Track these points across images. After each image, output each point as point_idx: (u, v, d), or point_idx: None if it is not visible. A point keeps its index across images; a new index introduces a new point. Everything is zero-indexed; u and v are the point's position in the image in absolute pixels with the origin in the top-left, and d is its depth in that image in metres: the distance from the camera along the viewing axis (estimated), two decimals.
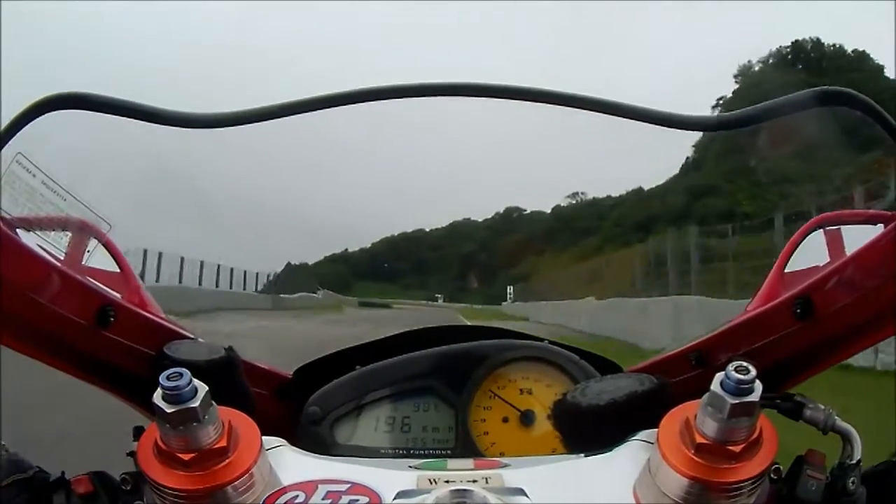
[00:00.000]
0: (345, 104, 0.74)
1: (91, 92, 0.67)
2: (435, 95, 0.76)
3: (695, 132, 0.70)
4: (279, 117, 0.73)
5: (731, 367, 0.49)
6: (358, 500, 0.55)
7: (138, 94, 0.67)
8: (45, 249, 0.72)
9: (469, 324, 1.04)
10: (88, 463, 0.65)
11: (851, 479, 0.60)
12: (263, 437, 0.57)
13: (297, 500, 0.55)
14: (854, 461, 0.63)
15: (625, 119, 0.71)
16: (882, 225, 0.82)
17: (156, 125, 0.70)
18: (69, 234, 0.80)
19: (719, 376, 0.49)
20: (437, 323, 1.08)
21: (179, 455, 0.51)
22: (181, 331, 0.79)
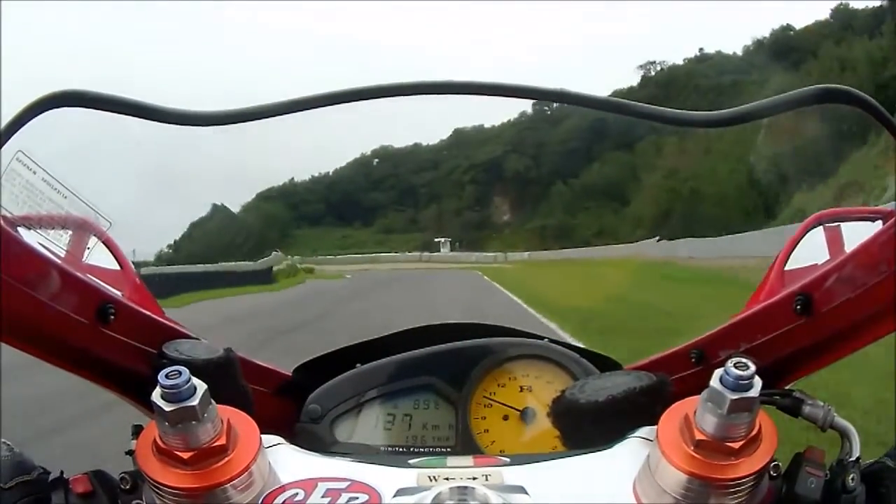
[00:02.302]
0: (333, 104, 0.74)
1: (89, 89, 0.66)
2: (439, 93, 0.76)
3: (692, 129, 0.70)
4: (274, 116, 0.73)
5: (730, 363, 0.49)
6: (357, 498, 0.55)
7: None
8: (45, 247, 0.73)
9: (469, 322, 1.04)
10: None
11: (851, 476, 0.60)
12: (262, 436, 0.57)
13: (296, 499, 0.55)
14: (853, 458, 0.63)
15: (623, 116, 0.71)
16: (881, 221, 0.83)
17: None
18: (69, 231, 0.81)
19: (718, 372, 0.50)
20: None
21: (178, 453, 0.51)
22: (181, 329, 0.79)
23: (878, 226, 0.80)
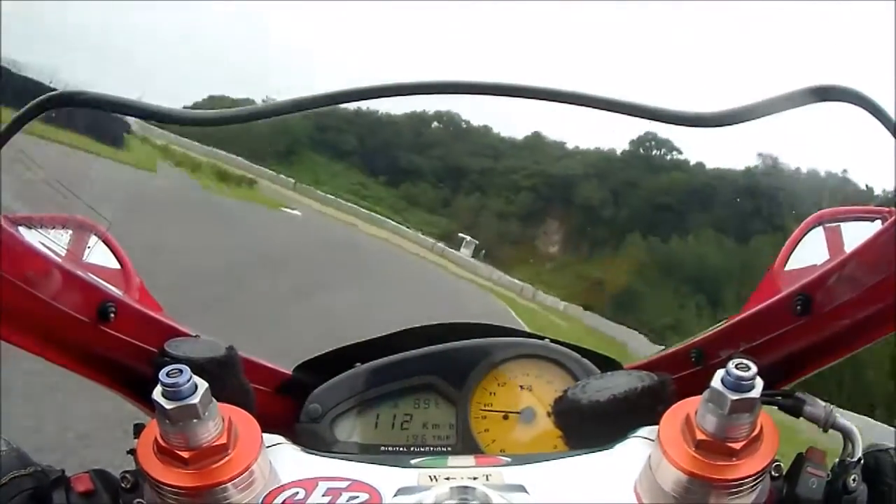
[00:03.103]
0: (333, 103, 0.74)
1: (88, 90, 0.67)
2: (450, 93, 0.76)
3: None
4: (274, 116, 0.73)
5: (731, 363, 0.49)
6: (358, 498, 0.55)
7: None
8: (46, 246, 0.73)
9: (469, 321, 1.04)
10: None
11: (852, 476, 0.60)
12: (263, 435, 0.57)
13: (296, 498, 0.55)
14: (855, 459, 0.63)
15: (621, 115, 0.71)
16: (881, 221, 0.83)
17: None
18: (70, 231, 0.81)
19: (720, 373, 0.50)
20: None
21: (179, 452, 0.51)
22: (182, 328, 0.79)
23: (877, 226, 0.80)
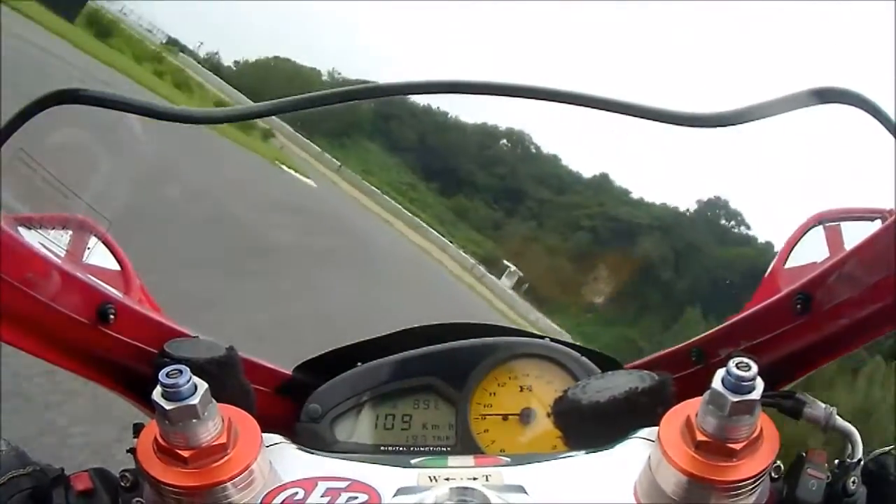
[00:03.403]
0: (334, 103, 0.74)
1: (89, 88, 0.67)
2: (449, 93, 0.76)
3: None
4: (274, 115, 0.73)
5: (732, 363, 0.49)
6: (357, 498, 0.55)
7: None
8: (45, 247, 0.73)
9: (469, 321, 1.04)
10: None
11: (852, 478, 0.60)
12: (263, 434, 0.57)
13: (296, 498, 0.55)
14: (855, 460, 0.63)
15: (620, 115, 0.71)
16: (881, 220, 0.83)
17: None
18: (70, 231, 0.81)
19: (720, 373, 0.49)
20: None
21: (179, 452, 0.51)
22: (182, 329, 0.79)
23: (877, 225, 0.81)
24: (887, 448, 0.63)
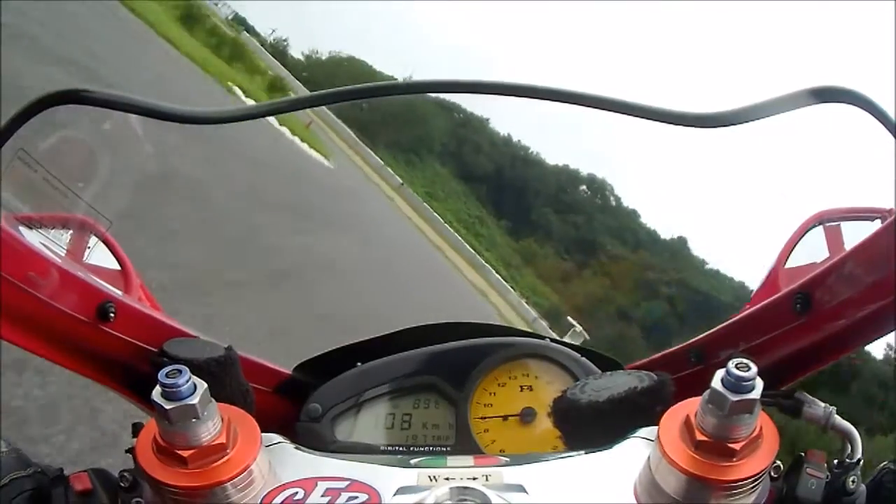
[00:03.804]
0: (333, 102, 0.74)
1: (89, 88, 0.67)
2: (448, 92, 0.76)
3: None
4: (274, 115, 0.73)
5: (731, 363, 0.49)
6: (357, 498, 0.55)
7: None
8: (45, 246, 0.73)
9: (469, 321, 1.04)
10: None
11: (851, 477, 0.60)
12: (263, 434, 0.57)
13: (296, 498, 0.55)
14: (854, 460, 0.63)
15: (620, 114, 0.71)
16: (881, 220, 0.83)
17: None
18: (70, 231, 0.81)
19: (720, 373, 0.49)
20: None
21: (178, 452, 0.51)
22: (181, 328, 0.79)
23: (877, 225, 0.80)
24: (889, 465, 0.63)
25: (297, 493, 0.55)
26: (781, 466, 0.60)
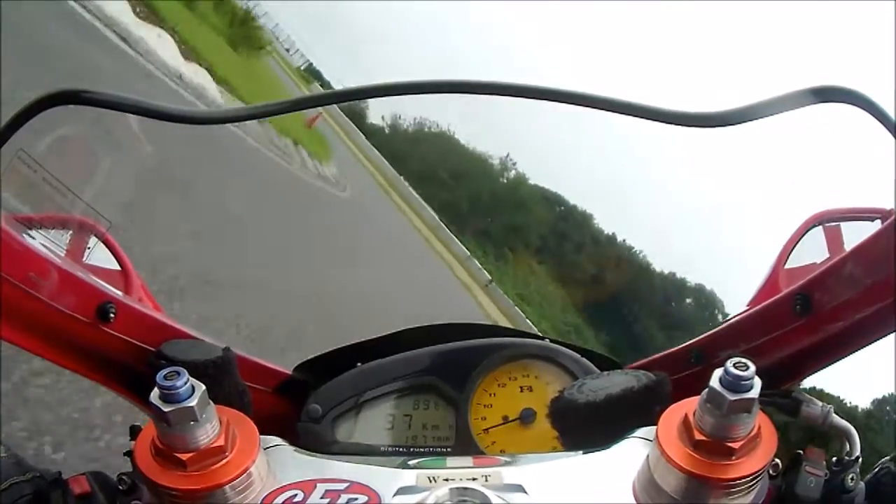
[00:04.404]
0: (334, 102, 0.74)
1: (89, 88, 0.67)
2: (448, 92, 0.76)
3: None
4: (274, 115, 0.73)
5: (729, 363, 0.49)
6: (357, 499, 0.55)
7: None
8: (45, 246, 0.73)
9: (469, 322, 1.04)
10: None
11: (850, 475, 0.60)
12: (261, 436, 0.57)
13: (295, 499, 0.55)
14: (853, 458, 0.63)
15: (620, 114, 0.71)
16: (880, 221, 0.82)
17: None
18: (70, 231, 0.81)
19: (718, 372, 0.49)
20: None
21: (177, 455, 0.51)
22: (181, 329, 0.79)
23: (877, 225, 0.80)
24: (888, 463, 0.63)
25: (296, 494, 0.55)
26: (780, 465, 0.60)
